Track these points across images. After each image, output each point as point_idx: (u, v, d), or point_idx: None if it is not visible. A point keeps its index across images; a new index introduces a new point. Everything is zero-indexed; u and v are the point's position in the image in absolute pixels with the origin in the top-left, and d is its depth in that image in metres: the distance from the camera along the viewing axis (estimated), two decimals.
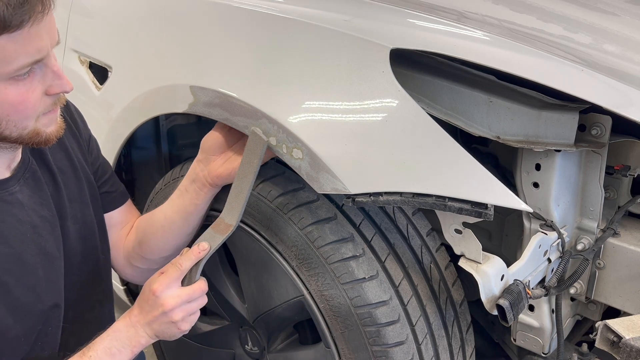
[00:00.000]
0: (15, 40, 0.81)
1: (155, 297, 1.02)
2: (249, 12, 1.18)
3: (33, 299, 1.02)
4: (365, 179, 1.00)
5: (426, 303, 1.17)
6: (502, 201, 0.94)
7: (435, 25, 1.10)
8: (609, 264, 1.15)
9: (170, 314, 1.02)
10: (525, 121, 1.05)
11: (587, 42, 1.33)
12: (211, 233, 1.10)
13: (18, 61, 0.83)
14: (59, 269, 1.08)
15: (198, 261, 1.06)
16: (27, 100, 0.88)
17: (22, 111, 0.88)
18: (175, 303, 1.02)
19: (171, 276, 1.03)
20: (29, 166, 1.05)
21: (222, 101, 1.15)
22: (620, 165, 1.14)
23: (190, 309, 1.05)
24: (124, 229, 1.32)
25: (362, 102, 1.02)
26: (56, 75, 0.91)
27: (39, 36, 0.84)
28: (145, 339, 1.05)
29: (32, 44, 0.84)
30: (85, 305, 1.20)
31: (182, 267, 1.04)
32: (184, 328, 1.05)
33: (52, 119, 0.95)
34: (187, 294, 1.04)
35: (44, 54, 0.87)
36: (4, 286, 0.96)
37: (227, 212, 1.10)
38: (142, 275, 1.34)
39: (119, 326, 1.05)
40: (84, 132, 1.23)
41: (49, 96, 0.92)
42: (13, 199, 1.00)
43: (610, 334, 0.91)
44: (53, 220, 1.08)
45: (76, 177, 1.16)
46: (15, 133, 0.91)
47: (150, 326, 1.04)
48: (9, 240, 0.97)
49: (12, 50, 0.82)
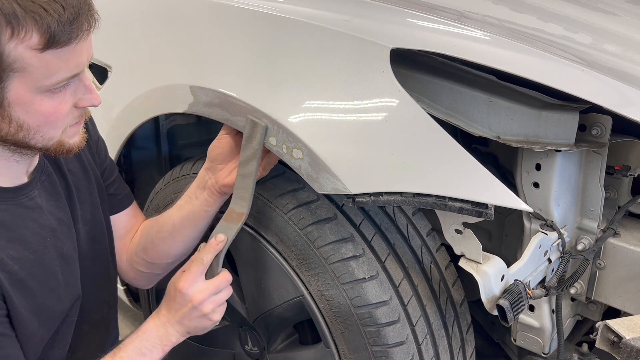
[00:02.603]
0: (60, 55, 0.84)
1: (183, 294, 1.05)
2: (249, 12, 1.18)
3: (55, 302, 1.04)
4: (365, 179, 1.00)
5: (426, 303, 1.17)
6: (502, 201, 0.94)
7: (435, 25, 1.10)
8: (609, 264, 1.15)
9: (200, 308, 1.05)
10: (525, 121, 1.05)
11: (587, 42, 1.33)
12: (224, 224, 1.10)
13: (59, 75, 0.86)
14: (75, 270, 1.10)
15: (217, 253, 1.08)
16: (58, 111, 0.90)
17: (52, 122, 0.90)
18: (204, 297, 1.05)
19: (195, 272, 1.05)
20: (44, 169, 1.06)
21: (222, 101, 1.14)
22: (620, 165, 1.14)
23: (218, 300, 1.07)
24: (129, 233, 1.32)
25: (362, 102, 1.02)
26: (87, 89, 0.93)
27: (80, 52, 0.87)
28: (176, 337, 1.08)
29: (74, 60, 0.86)
30: (94, 307, 1.21)
31: (204, 261, 1.06)
32: (215, 319, 1.08)
33: (76, 130, 0.98)
34: (214, 285, 1.06)
35: (82, 69, 0.90)
36: (29, 291, 0.98)
37: (236, 201, 1.11)
38: (144, 279, 1.34)
39: (148, 326, 1.07)
40: (93, 134, 1.23)
41: (77, 109, 0.94)
42: (33, 204, 1.01)
43: (610, 334, 0.91)
44: (68, 222, 1.09)
45: (87, 179, 1.17)
46: (41, 143, 0.93)
47: (181, 323, 1.07)
48: (31, 245, 0.99)
49: (55, 64, 0.84)
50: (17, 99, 0.85)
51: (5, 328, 0.94)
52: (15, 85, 0.83)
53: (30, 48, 0.81)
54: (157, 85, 1.32)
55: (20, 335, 0.97)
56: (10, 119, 0.87)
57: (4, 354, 0.93)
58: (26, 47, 0.80)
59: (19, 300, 0.96)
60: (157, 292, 1.60)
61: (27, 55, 0.81)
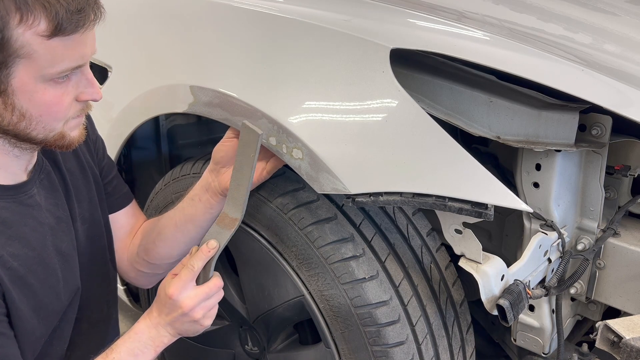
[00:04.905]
0: (65, 44, 0.85)
1: (173, 300, 1.04)
2: (249, 12, 1.18)
3: (54, 299, 1.04)
4: (365, 179, 1.00)
5: (426, 303, 1.17)
6: (502, 201, 0.94)
7: (435, 25, 1.10)
8: (609, 264, 1.15)
9: (190, 314, 1.04)
10: (525, 121, 1.05)
11: (587, 42, 1.33)
12: (217, 229, 1.09)
13: (63, 64, 0.87)
14: (74, 268, 1.10)
15: (209, 259, 1.07)
16: (61, 102, 0.91)
17: (54, 113, 0.92)
18: (194, 303, 1.04)
19: (185, 278, 1.05)
20: (43, 167, 1.07)
21: (222, 101, 1.14)
22: (620, 165, 1.14)
23: (208, 306, 1.07)
24: (129, 232, 1.32)
25: (362, 102, 1.02)
26: (89, 83, 0.94)
27: (85, 43, 0.88)
28: (168, 338, 1.07)
29: (78, 50, 0.88)
30: (94, 305, 1.21)
31: (194, 268, 1.05)
32: (206, 324, 1.08)
33: (77, 123, 0.99)
34: (204, 292, 1.05)
35: (85, 61, 0.91)
36: (29, 288, 0.98)
37: (230, 206, 1.10)
38: (145, 278, 1.34)
39: (140, 327, 1.07)
40: (92, 133, 1.24)
41: (79, 102, 0.95)
42: (32, 202, 1.02)
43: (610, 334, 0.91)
44: (67, 220, 1.10)
45: (85, 178, 1.17)
46: (42, 134, 0.94)
47: (172, 325, 1.06)
48: (31, 243, 1.00)
49: (60, 53, 0.86)
50: (21, 86, 0.86)
51: (4, 327, 0.94)
52: (20, 72, 0.85)
53: (38, 34, 0.82)
54: (157, 85, 1.32)
55: (19, 332, 0.97)
56: (13, 108, 0.88)
57: (3, 353, 0.93)
58: (34, 33, 0.82)
59: (19, 297, 0.96)
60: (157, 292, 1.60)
61: (34, 42, 0.83)
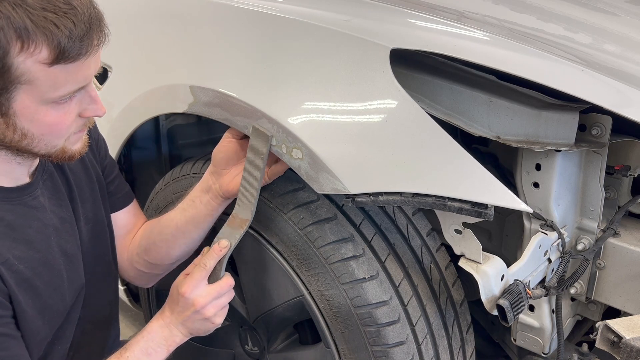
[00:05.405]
0: (67, 69, 0.84)
1: (185, 298, 1.06)
2: (248, 12, 1.18)
3: (59, 300, 1.05)
4: (365, 179, 1.00)
5: (426, 303, 1.17)
6: (502, 201, 0.94)
7: (435, 25, 1.10)
8: (609, 264, 1.15)
9: (202, 312, 1.07)
10: (525, 121, 1.05)
11: (587, 42, 1.33)
12: (228, 230, 1.12)
13: (65, 88, 0.87)
14: (79, 268, 1.11)
15: (220, 259, 1.09)
16: (63, 122, 0.91)
17: (56, 132, 0.92)
18: (206, 301, 1.06)
19: (197, 277, 1.07)
20: (46, 169, 1.07)
21: (222, 101, 1.15)
22: (620, 165, 1.14)
23: (220, 304, 1.09)
24: (130, 232, 1.32)
25: (362, 102, 1.02)
26: (92, 100, 0.94)
27: (88, 67, 0.88)
28: (180, 338, 1.10)
29: (81, 73, 0.87)
30: (98, 306, 1.21)
31: (206, 267, 1.08)
32: (217, 322, 1.10)
33: (79, 137, 0.99)
34: (216, 290, 1.08)
35: (88, 82, 0.91)
36: (34, 290, 0.99)
37: (240, 207, 1.12)
38: (145, 278, 1.34)
39: (152, 327, 1.09)
40: (94, 133, 1.24)
41: (81, 118, 0.95)
42: (36, 203, 1.02)
43: (610, 334, 0.91)
44: (71, 220, 1.10)
45: (88, 178, 1.17)
46: (44, 150, 0.94)
47: (184, 324, 1.09)
48: (36, 244, 1.00)
49: (62, 78, 0.85)
50: (22, 109, 0.86)
51: (11, 329, 0.95)
52: (21, 96, 0.84)
53: (39, 62, 0.81)
54: (157, 85, 1.32)
55: (24, 334, 0.98)
56: (14, 128, 0.88)
57: (11, 355, 0.93)
58: (35, 61, 0.81)
59: (24, 299, 0.96)
60: (157, 292, 1.60)
61: (35, 69, 0.82)
